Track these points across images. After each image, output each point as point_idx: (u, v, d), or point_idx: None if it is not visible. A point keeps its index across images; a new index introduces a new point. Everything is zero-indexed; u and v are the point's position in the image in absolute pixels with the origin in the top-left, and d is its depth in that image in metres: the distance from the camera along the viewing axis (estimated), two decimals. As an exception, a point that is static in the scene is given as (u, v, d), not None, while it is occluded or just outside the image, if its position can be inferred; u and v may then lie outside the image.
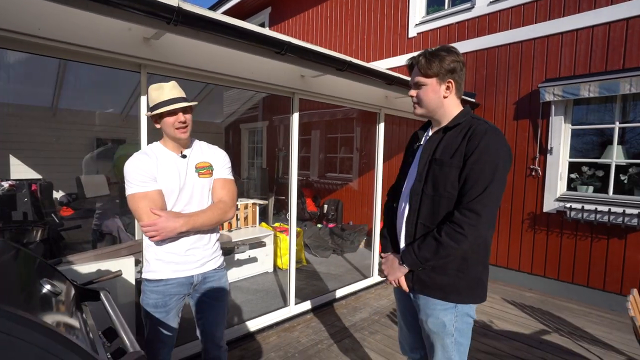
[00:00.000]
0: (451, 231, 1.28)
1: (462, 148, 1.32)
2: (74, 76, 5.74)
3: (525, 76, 4.26)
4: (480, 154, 1.27)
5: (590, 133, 3.99)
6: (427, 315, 1.43)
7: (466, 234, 1.25)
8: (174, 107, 1.54)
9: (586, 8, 3.81)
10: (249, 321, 3.01)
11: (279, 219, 6.94)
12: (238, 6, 8.29)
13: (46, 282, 1.09)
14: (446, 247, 1.28)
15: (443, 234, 1.29)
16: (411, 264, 1.39)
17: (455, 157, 1.33)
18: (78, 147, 6.81)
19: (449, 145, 1.36)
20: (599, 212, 3.69)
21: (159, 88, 1.57)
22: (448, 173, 1.33)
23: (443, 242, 1.28)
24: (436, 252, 1.31)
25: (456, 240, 1.27)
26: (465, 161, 1.30)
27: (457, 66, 1.38)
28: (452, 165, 1.33)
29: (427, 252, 1.33)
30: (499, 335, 3.04)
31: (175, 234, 1.53)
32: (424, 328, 1.46)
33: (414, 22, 5.41)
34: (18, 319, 0.78)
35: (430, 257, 1.32)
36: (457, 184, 1.32)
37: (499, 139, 1.30)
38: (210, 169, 1.70)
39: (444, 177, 1.34)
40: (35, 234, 3.41)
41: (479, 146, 1.27)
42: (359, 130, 6.57)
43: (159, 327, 1.65)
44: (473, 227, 1.25)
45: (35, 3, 1.59)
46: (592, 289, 3.83)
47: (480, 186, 1.26)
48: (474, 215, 1.25)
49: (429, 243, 1.33)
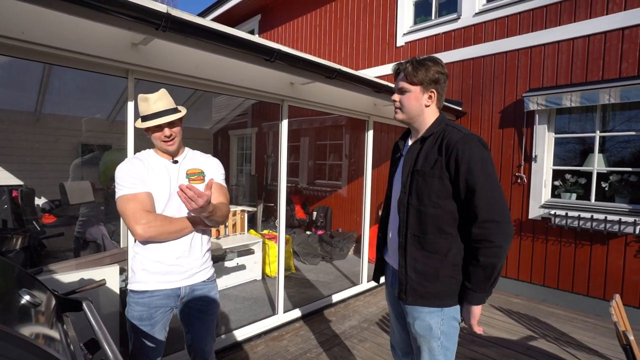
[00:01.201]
0: (485, 250, 1.27)
1: (442, 159, 1.34)
2: (59, 80, 5.63)
3: (510, 86, 4.37)
4: (468, 164, 1.28)
5: (573, 141, 4.10)
6: (414, 318, 1.44)
7: (498, 244, 1.25)
8: (157, 122, 1.51)
9: (567, 21, 3.95)
10: (236, 330, 2.96)
11: (267, 226, 6.89)
12: (227, 13, 8.31)
13: (25, 292, 1.05)
14: (491, 265, 1.27)
15: (480, 257, 1.28)
16: (478, 300, 1.34)
17: (435, 167, 1.35)
18: (62, 153, 6.65)
19: (428, 156, 1.39)
20: (582, 218, 3.78)
21: (145, 100, 1.54)
22: (431, 184, 1.36)
23: (485, 264, 1.27)
24: (486, 276, 1.29)
25: (494, 255, 1.26)
26: (452, 174, 1.32)
27: (441, 78, 1.42)
28: (434, 175, 1.35)
29: (479, 282, 1.31)
30: (486, 341, 3.06)
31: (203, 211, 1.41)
32: (411, 331, 1.48)
33: (402, 31, 5.51)
34: (-6, 332, 0.75)
35: (485, 283, 1.31)
36: (442, 193, 1.35)
37: (475, 142, 1.31)
38: (201, 175, 1.68)
39: (428, 188, 1.37)
40: (15, 242, 3.30)
41: (463, 157, 1.29)
42: (348, 138, 6.61)
43: (144, 340, 1.59)
44: (500, 235, 1.25)
45: (20, 6, 1.56)
46: (577, 294, 3.90)
47: (483, 195, 1.27)
48: (493, 225, 1.25)
49: (474, 274, 1.32)
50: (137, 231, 1.45)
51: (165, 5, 1.76)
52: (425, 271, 1.40)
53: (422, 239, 1.39)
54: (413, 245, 1.41)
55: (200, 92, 5.56)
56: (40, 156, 6.39)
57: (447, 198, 1.35)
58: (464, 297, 1.37)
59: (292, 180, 7.64)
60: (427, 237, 1.38)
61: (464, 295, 1.37)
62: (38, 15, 1.75)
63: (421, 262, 1.40)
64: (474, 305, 1.35)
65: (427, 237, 1.38)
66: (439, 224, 1.37)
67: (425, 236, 1.39)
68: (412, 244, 1.41)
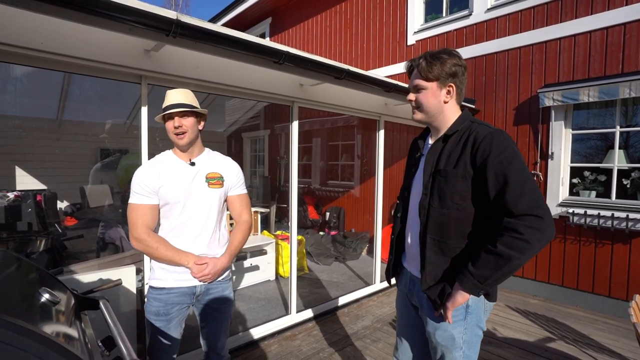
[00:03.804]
0: (509, 240, 1.10)
1: (466, 156, 1.24)
2: (79, 88, 5.85)
3: (524, 82, 4.28)
4: (499, 156, 1.16)
5: (592, 138, 3.98)
6: (435, 327, 1.35)
7: (526, 238, 1.08)
8: (168, 111, 1.58)
9: (583, 13, 3.84)
10: (250, 330, 3.00)
11: (281, 226, 6.95)
12: (238, 17, 8.42)
13: (45, 291, 1.11)
14: (507, 258, 1.10)
15: (499, 245, 1.12)
16: (470, 287, 1.19)
17: (459, 166, 1.25)
18: (82, 158, 6.89)
19: (451, 155, 1.29)
20: (602, 217, 3.67)
21: (167, 94, 1.63)
22: (454, 184, 1.26)
23: (502, 253, 1.11)
24: (496, 267, 1.13)
25: (517, 249, 1.09)
26: (478, 169, 1.20)
27: (459, 70, 1.31)
28: (457, 175, 1.25)
29: (485, 269, 1.15)
30: (502, 342, 3.00)
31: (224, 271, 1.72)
32: (431, 340, 1.39)
33: (413, 29, 5.47)
34: (14, 327, 0.79)
35: (489, 274, 1.15)
36: (466, 194, 1.24)
37: (505, 136, 1.21)
38: (220, 180, 1.71)
39: (450, 189, 1.26)
40: (39, 244, 3.44)
41: (492, 150, 1.17)
42: (360, 138, 6.60)
43: (160, 335, 1.65)
44: (534, 231, 1.08)
45: (38, 19, 1.64)
46: (598, 295, 3.78)
47: (516, 188, 1.12)
48: (532, 219, 1.08)
49: (485, 259, 1.15)
50: (131, 242, 1.61)
51: (175, 12, 1.81)
52: (446, 279, 1.29)
53: (443, 244, 1.29)
54: (432, 250, 1.32)
55: (213, 95, 5.66)
56: (61, 161, 6.65)
57: (471, 199, 1.25)
58: (458, 276, 1.23)
59: (305, 181, 7.67)
60: (449, 242, 1.28)
61: (458, 275, 1.23)
62: (56, 27, 1.82)
63: (441, 269, 1.30)
64: (461, 291, 1.21)
65: (449, 242, 1.28)
66: (461, 228, 1.27)
67: (447, 241, 1.28)
68: (432, 249, 1.32)
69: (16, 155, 6.21)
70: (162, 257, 1.58)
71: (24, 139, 6.21)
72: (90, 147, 7.09)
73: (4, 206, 4.14)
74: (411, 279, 1.48)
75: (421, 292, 1.38)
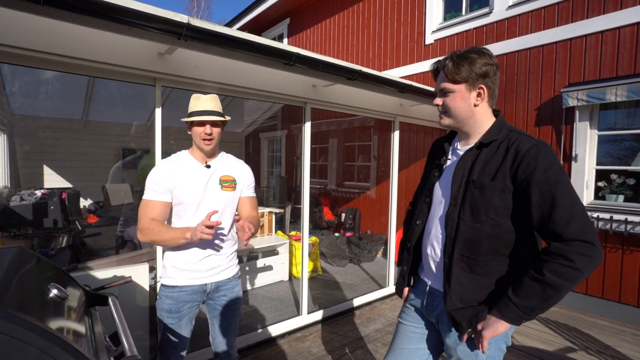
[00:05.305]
0: (558, 267, 1.02)
1: (506, 169, 1.14)
2: (103, 90, 6.08)
3: (546, 81, 4.12)
4: (545, 173, 1.07)
5: (620, 139, 3.78)
6: (457, 343, 1.26)
7: (579, 267, 1.00)
8: (204, 117, 1.61)
9: (612, 9, 3.66)
10: (261, 329, 3.02)
11: (296, 227, 6.97)
12: (256, 19, 8.53)
13: (53, 286, 1.15)
14: (556, 287, 1.02)
15: (547, 273, 1.02)
16: (513, 317, 1.10)
17: (497, 178, 1.14)
18: (105, 157, 7.15)
19: (488, 165, 1.18)
20: (630, 222, 3.48)
21: (197, 98, 1.66)
22: (490, 197, 1.15)
23: (550, 281, 1.02)
24: (543, 296, 1.04)
25: (570, 278, 1.01)
26: (520, 185, 1.11)
27: (490, 70, 1.20)
28: (495, 188, 1.14)
29: (531, 299, 1.05)
30: (520, 351, 2.89)
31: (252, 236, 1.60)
32: (452, 355, 1.31)
33: (431, 28, 5.37)
34: (17, 320, 0.82)
35: (535, 304, 1.05)
36: (502, 209, 1.14)
37: (550, 150, 1.12)
38: (233, 183, 1.76)
39: (486, 202, 1.16)
40: (61, 240, 3.59)
41: (537, 166, 1.08)
42: (376, 139, 6.54)
43: (171, 332, 1.70)
44: (587, 259, 1.00)
45: (59, 25, 1.70)
46: (625, 304, 3.59)
47: (566, 210, 1.03)
48: (583, 245, 1.01)
49: (530, 287, 1.05)
50: (138, 235, 1.62)
51: (187, 16, 1.84)
52: (474, 299, 1.20)
53: (473, 261, 1.19)
54: (460, 267, 1.21)
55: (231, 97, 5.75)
56: (86, 160, 6.92)
57: (508, 216, 1.15)
58: (498, 305, 1.12)
59: (321, 182, 7.67)
60: (479, 259, 1.18)
61: (499, 304, 1.12)
62: (75, 32, 1.90)
63: (468, 288, 1.21)
64: (503, 321, 1.11)
65: (479, 259, 1.18)
66: (494, 245, 1.16)
67: (478, 258, 1.18)
68: (459, 265, 1.21)
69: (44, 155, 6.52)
70: (168, 238, 1.57)
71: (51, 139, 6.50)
72: (113, 146, 7.36)
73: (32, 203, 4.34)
74: (430, 292, 1.37)
75: (444, 308, 1.28)
